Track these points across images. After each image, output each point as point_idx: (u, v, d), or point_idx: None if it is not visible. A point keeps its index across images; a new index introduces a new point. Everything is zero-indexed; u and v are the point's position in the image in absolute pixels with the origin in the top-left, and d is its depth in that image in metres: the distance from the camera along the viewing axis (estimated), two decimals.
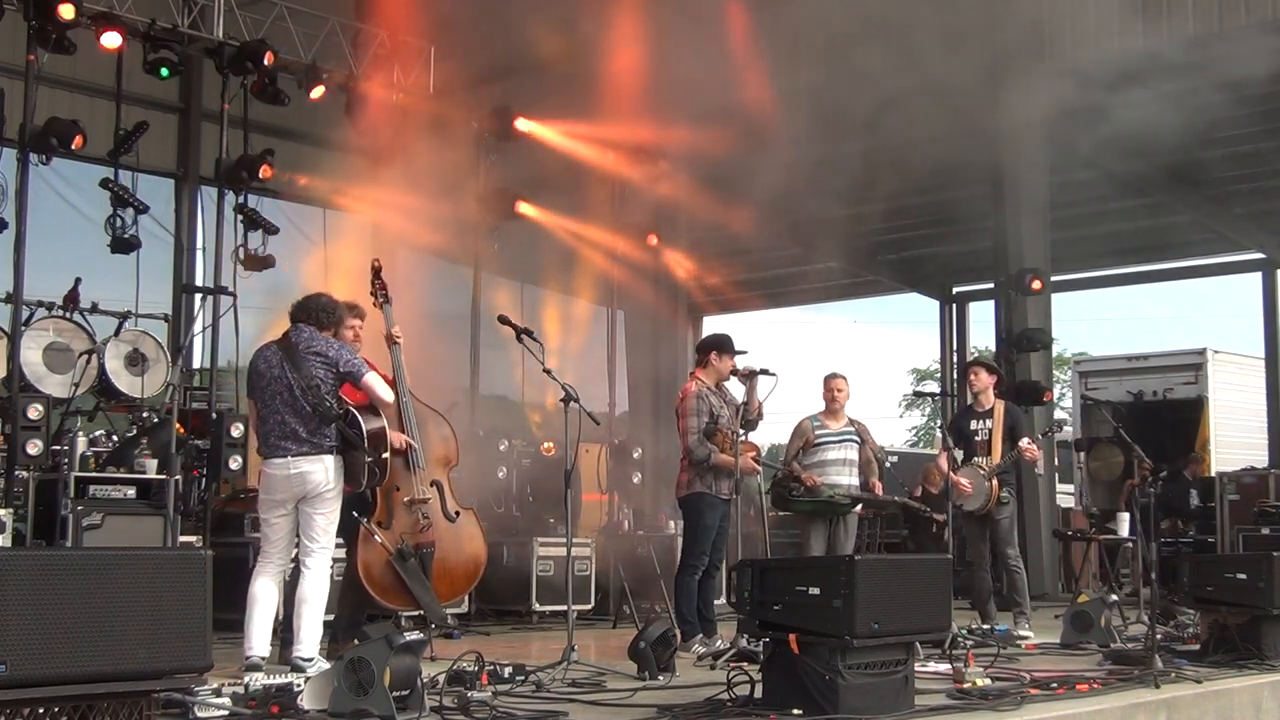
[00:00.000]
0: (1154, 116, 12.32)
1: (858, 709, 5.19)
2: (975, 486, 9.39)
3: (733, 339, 8.59)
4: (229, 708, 5.06)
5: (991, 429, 9.55)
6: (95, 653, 4.03)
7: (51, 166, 11.34)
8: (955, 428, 9.96)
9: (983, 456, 9.49)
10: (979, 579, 9.65)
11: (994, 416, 9.59)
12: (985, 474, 9.38)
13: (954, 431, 9.89)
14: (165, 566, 4.31)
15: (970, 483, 9.39)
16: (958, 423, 9.99)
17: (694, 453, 8.19)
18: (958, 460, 9.41)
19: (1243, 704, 6.67)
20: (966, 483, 9.37)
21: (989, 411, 9.64)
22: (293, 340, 6.80)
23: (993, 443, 9.50)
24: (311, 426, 6.68)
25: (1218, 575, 7.78)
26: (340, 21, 13.66)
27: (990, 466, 9.40)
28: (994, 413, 9.62)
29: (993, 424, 9.56)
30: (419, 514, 7.14)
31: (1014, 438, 9.49)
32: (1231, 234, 19.21)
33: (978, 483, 9.39)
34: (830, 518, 9.34)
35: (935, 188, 16.40)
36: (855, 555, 8.06)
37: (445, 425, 7.56)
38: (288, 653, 6.76)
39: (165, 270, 15.66)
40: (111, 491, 9.05)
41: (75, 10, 10.56)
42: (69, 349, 10.32)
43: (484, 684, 5.74)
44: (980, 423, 9.64)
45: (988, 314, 17.90)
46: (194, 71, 14.65)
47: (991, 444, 9.50)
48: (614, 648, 7.71)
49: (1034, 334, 14.66)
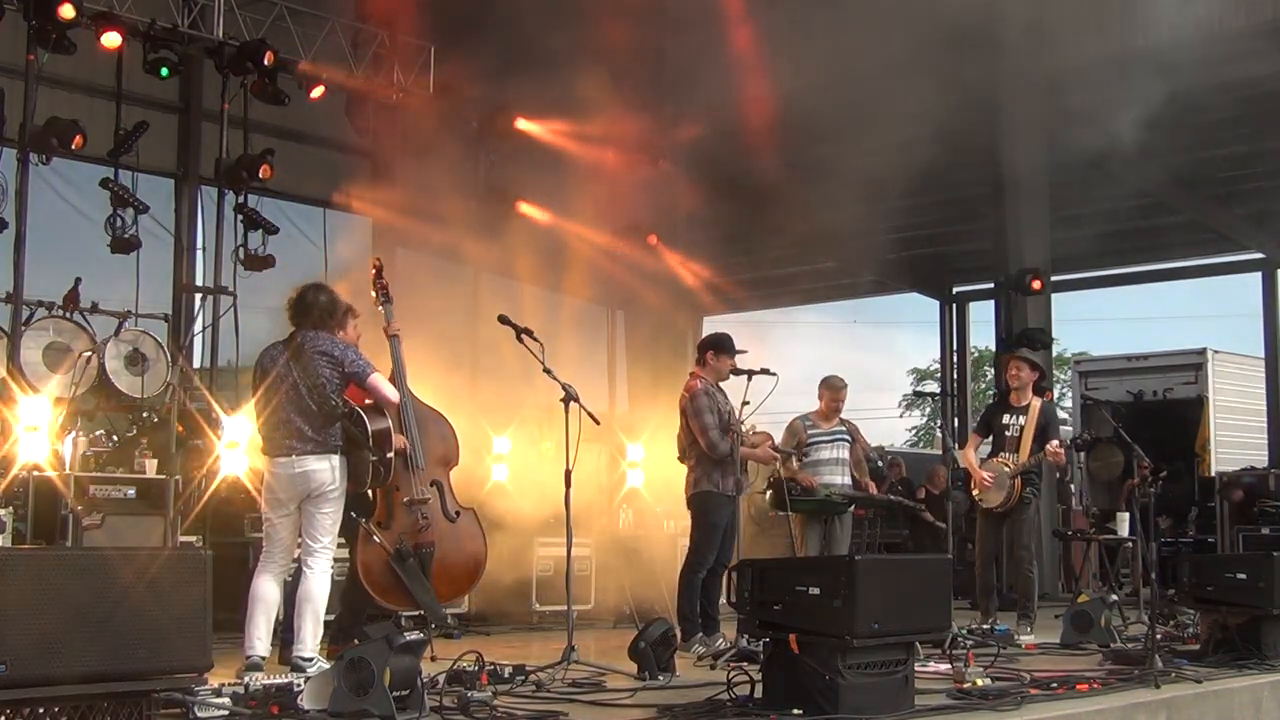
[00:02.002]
0: (1154, 116, 12.34)
1: (858, 709, 5.19)
2: (996, 481, 9.27)
3: (732, 339, 8.58)
4: (229, 708, 5.05)
5: (1024, 426, 9.36)
6: (95, 653, 4.02)
7: (51, 166, 11.36)
8: (985, 420, 9.79)
9: (1011, 453, 9.35)
10: (983, 576, 9.53)
11: (1029, 413, 9.41)
12: (1010, 472, 9.24)
13: (983, 424, 9.76)
14: (165, 566, 4.30)
15: (992, 477, 9.28)
16: (989, 415, 9.78)
17: (717, 447, 8.11)
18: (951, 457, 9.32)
19: (1243, 704, 6.67)
20: (988, 476, 9.25)
21: (1024, 408, 9.45)
22: (299, 340, 6.81)
23: (1023, 440, 9.32)
24: (317, 425, 6.68)
25: (1218, 575, 7.77)
26: (340, 21, 13.67)
27: (1016, 465, 9.27)
28: (1029, 410, 9.43)
29: (1025, 421, 9.38)
30: (418, 514, 7.13)
31: (1045, 438, 9.35)
32: (1231, 234, 19.23)
33: (999, 478, 9.28)
34: (826, 517, 9.35)
35: (935, 188, 16.40)
36: (855, 555, 8.05)
37: (445, 424, 7.55)
38: (288, 653, 6.76)
39: (165, 270, 15.63)
40: (111, 491, 9.04)
41: (75, 10, 10.57)
42: (69, 349, 10.31)
43: (484, 684, 5.74)
44: (1013, 418, 9.44)
45: (988, 314, 17.94)
46: (194, 71, 14.63)
47: (1022, 441, 9.33)
48: (614, 648, 7.70)
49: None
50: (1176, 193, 17.80)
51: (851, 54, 12.78)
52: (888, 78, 12.34)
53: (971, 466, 9.37)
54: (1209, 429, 18.60)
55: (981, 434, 9.73)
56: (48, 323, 10.43)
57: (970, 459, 9.49)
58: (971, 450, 9.62)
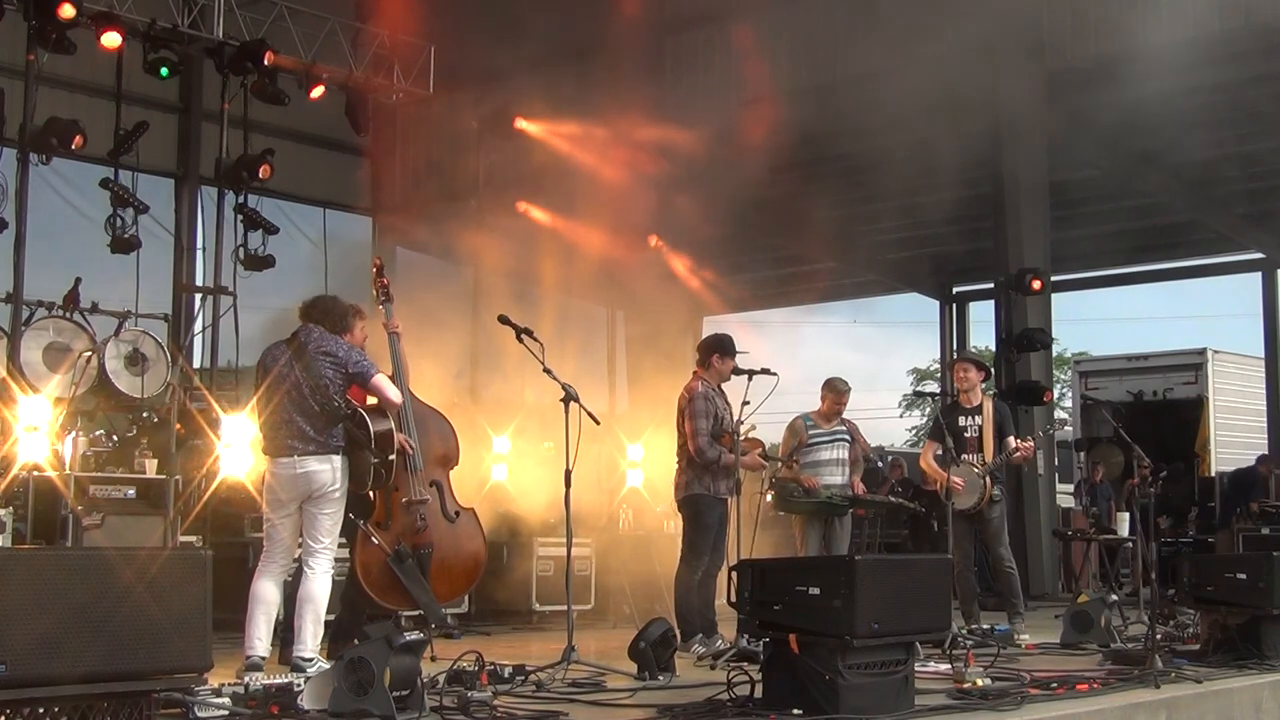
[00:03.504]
0: (1154, 116, 12.34)
1: (858, 709, 5.19)
2: (969, 484, 9.30)
3: (733, 340, 8.57)
4: (229, 708, 5.05)
5: (982, 426, 9.41)
6: (95, 653, 4.02)
7: (51, 166, 11.36)
8: (940, 424, 9.72)
9: (974, 454, 9.36)
10: (964, 580, 9.47)
11: (983, 413, 9.46)
12: (980, 473, 9.27)
13: (937, 429, 9.71)
14: (165, 566, 4.30)
15: (964, 480, 9.31)
16: (945, 419, 9.76)
17: (704, 454, 8.13)
18: (952, 455, 9.29)
19: (1243, 704, 6.67)
20: (960, 480, 9.28)
21: (977, 408, 9.50)
22: (302, 340, 6.80)
23: (984, 440, 9.36)
24: (319, 426, 6.67)
25: (1218, 575, 7.77)
26: (340, 21, 13.68)
27: (984, 465, 9.32)
28: (983, 409, 9.49)
29: (982, 421, 9.43)
30: (417, 514, 7.13)
31: (1003, 434, 9.41)
32: (1231, 234, 19.22)
33: (971, 480, 9.32)
34: (826, 518, 9.35)
35: (935, 188, 16.41)
36: (855, 555, 8.04)
37: (445, 424, 7.54)
38: (288, 653, 6.76)
39: (165, 270, 15.66)
40: (111, 491, 9.04)
41: (75, 10, 10.57)
42: (69, 349, 10.31)
43: (484, 684, 5.73)
44: (969, 419, 9.48)
45: (988, 314, 17.90)
46: (194, 71, 14.65)
47: (983, 441, 9.37)
48: (614, 648, 7.70)
49: (1034, 334, 14.66)
50: (1176, 193, 17.80)
51: (851, 53, 12.79)
52: (889, 78, 12.33)
53: (937, 471, 9.35)
54: (1209, 429, 18.61)
55: (937, 439, 9.68)
56: (48, 323, 10.43)
57: (933, 464, 9.50)
58: (930, 456, 9.64)
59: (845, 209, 16.85)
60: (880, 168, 16.03)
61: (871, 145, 14.39)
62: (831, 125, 13.10)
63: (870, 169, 16.23)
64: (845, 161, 15.23)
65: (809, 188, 14.86)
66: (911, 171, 15.30)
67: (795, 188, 14.02)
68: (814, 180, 15.66)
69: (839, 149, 13.99)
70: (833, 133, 13.15)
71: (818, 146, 13.31)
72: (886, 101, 12.48)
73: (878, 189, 16.80)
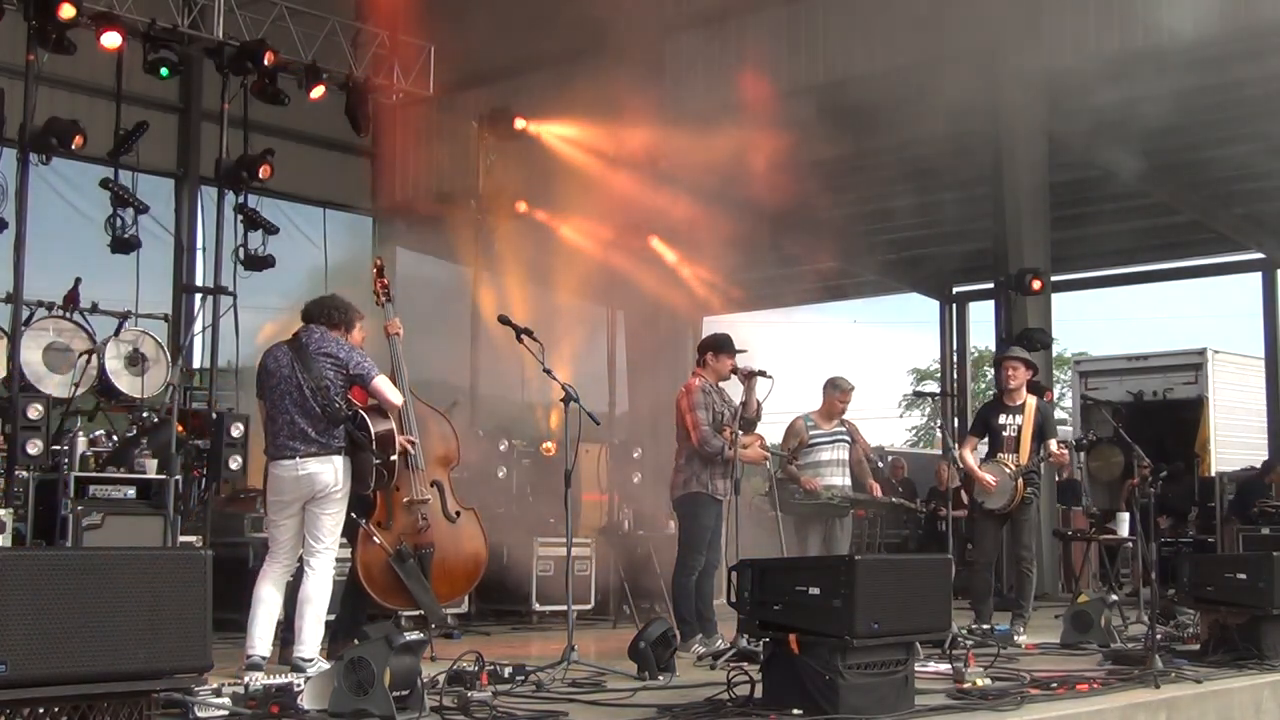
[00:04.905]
0: (1154, 116, 12.33)
1: (858, 709, 5.19)
2: (1000, 484, 9.22)
3: (731, 339, 8.57)
4: (229, 708, 5.06)
5: (1021, 425, 9.29)
6: (95, 653, 4.02)
7: (51, 166, 11.34)
8: (982, 421, 9.66)
9: (1010, 454, 9.26)
10: (980, 577, 9.44)
11: (1024, 413, 9.33)
12: (1011, 474, 9.16)
13: (980, 424, 9.64)
14: (165, 566, 4.31)
15: (996, 479, 9.24)
16: (985, 415, 9.65)
17: (709, 444, 8.07)
18: (954, 451, 9.24)
19: (1243, 704, 6.67)
20: (992, 479, 9.20)
21: (1020, 407, 9.36)
22: (303, 340, 6.80)
23: (1021, 440, 9.24)
24: (320, 427, 6.67)
25: (1218, 575, 7.77)
26: (340, 21, 13.68)
27: (1018, 466, 9.18)
28: (1025, 409, 9.35)
29: (1023, 420, 9.30)
30: (418, 514, 7.13)
31: (1042, 436, 9.31)
32: (1231, 234, 19.22)
33: (1003, 480, 9.22)
34: (827, 518, 9.35)
35: (935, 187, 16.41)
36: (855, 555, 8.04)
37: (445, 424, 7.55)
38: (288, 653, 6.76)
39: (165, 270, 15.66)
40: (111, 491, 9.03)
41: (75, 10, 10.56)
42: (69, 349, 10.31)
43: (484, 684, 5.73)
44: (1010, 418, 9.35)
45: (988, 314, 17.89)
46: (194, 71, 14.65)
47: (1020, 441, 9.25)
48: (614, 648, 7.70)
49: (1034, 334, 14.64)
50: (1176, 193, 17.79)
51: (851, 53, 12.78)
52: (890, 78, 12.33)
53: (972, 469, 9.30)
54: (1209, 429, 18.60)
55: (978, 435, 9.64)
56: (48, 323, 10.42)
57: (970, 461, 9.44)
58: (969, 452, 9.57)
59: (845, 209, 16.83)
60: (880, 168, 16.04)
61: (871, 145, 14.38)
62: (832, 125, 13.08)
63: (870, 169, 16.24)
64: (845, 161, 15.20)
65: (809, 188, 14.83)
66: (911, 171, 15.31)
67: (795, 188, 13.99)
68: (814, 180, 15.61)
69: (839, 149, 13.97)
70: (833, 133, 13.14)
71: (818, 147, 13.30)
72: (887, 102, 12.48)
73: (877, 189, 16.81)
